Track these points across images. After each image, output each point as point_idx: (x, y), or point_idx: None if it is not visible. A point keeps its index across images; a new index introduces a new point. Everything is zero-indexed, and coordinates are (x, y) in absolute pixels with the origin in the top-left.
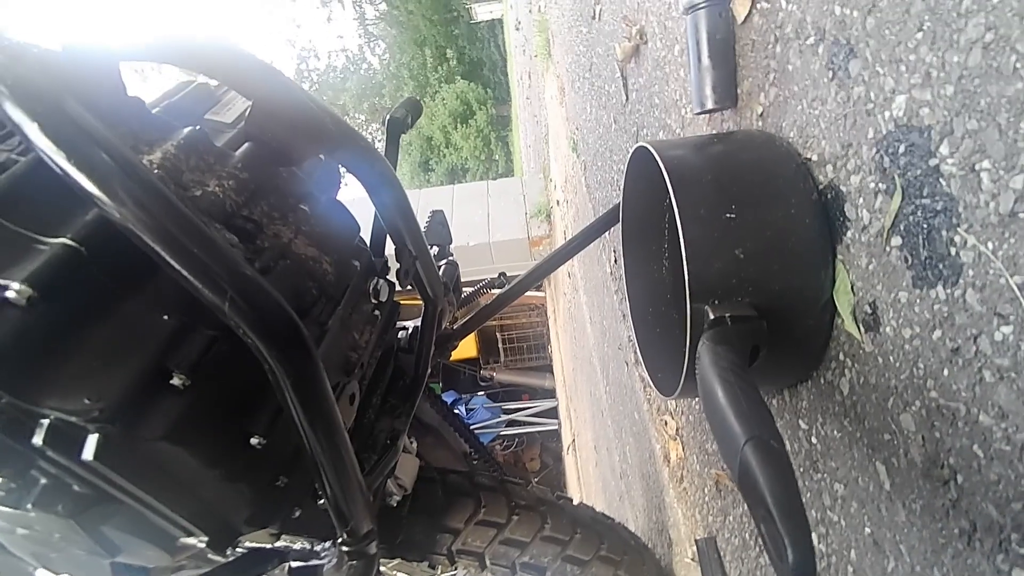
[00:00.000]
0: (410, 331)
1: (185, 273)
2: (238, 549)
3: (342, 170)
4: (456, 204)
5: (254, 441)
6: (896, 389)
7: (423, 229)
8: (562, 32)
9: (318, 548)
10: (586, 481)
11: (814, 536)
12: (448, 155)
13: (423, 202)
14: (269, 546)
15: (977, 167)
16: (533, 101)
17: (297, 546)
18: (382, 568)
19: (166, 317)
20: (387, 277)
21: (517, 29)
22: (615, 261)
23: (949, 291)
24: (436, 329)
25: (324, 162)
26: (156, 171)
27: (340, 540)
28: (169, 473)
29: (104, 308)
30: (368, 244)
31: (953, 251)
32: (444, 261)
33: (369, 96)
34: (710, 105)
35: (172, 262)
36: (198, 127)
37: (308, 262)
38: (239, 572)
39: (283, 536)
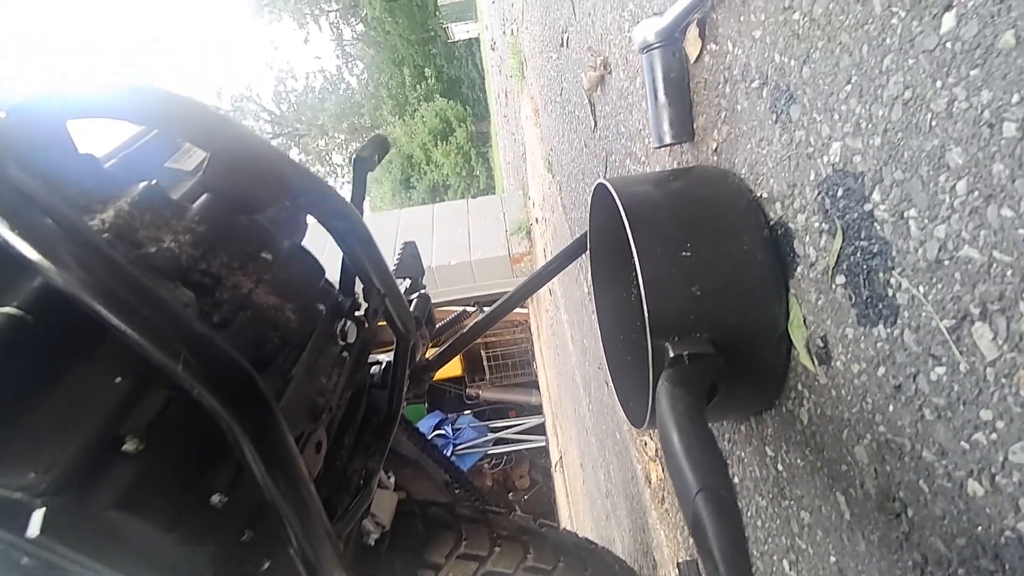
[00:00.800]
0: (383, 366)
1: (136, 336)
2: None
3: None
4: (436, 223)
5: (215, 499)
6: (849, 421)
7: (395, 261)
8: (534, 56)
9: None
10: (574, 500)
11: (786, 562)
12: (429, 172)
13: (403, 222)
14: None
15: (905, 215)
16: (511, 119)
17: None
18: None
19: (119, 379)
20: (357, 315)
21: (493, 49)
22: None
23: (889, 330)
24: (409, 364)
25: (287, 207)
26: (107, 231)
27: None
28: (124, 540)
29: (53, 377)
30: (338, 283)
31: (890, 292)
32: (416, 294)
33: (348, 116)
34: (668, 140)
35: (122, 326)
36: (154, 181)
37: (269, 311)
38: None
39: None
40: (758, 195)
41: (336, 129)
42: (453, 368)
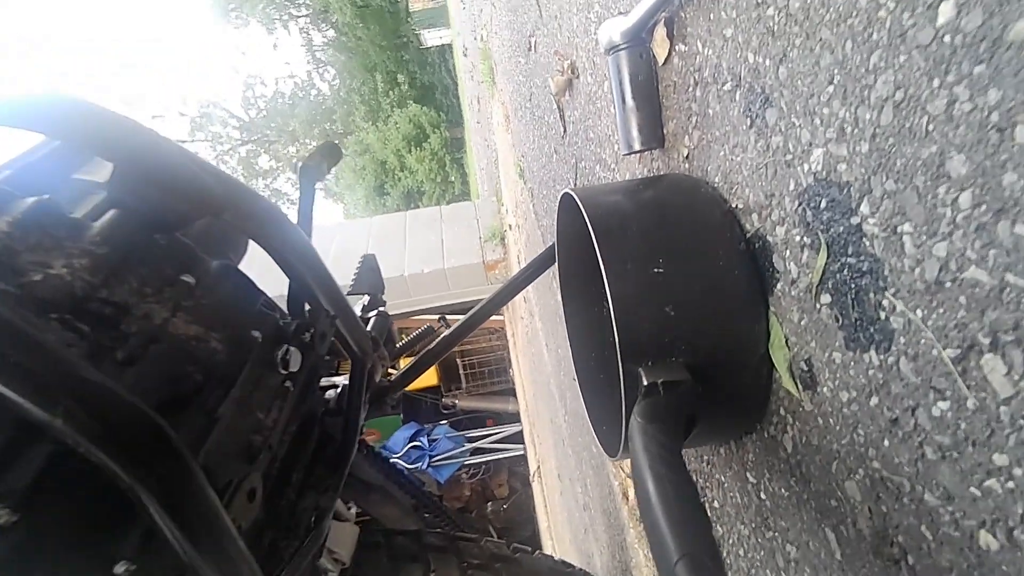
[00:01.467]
0: (339, 390)
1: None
2: None
3: None
4: (409, 231)
5: (120, 570)
6: (839, 453)
7: (353, 275)
8: (503, 61)
9: None
10: (552, 510)
11: None
12: (403, 179)
13: (375, 230)
14: None
15: (899, 230)
16: (483, 125)
17: None
18: None
19: None
20: (303, 339)
21: (465, 55)
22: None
23: (882, 357)
24: (367, 387)
25: (218, 223)
26: None
27: None
28: None
29: None
30: (286, 304)
31: (883, 315)
32: (374, 312)
33: (320, 122)
34: (637, 147)
35: None
36: (46, 196)
37: (189, 343)
38: None
39: None
40: (733, 205)
41: (307, 135)
42: (429, 378)
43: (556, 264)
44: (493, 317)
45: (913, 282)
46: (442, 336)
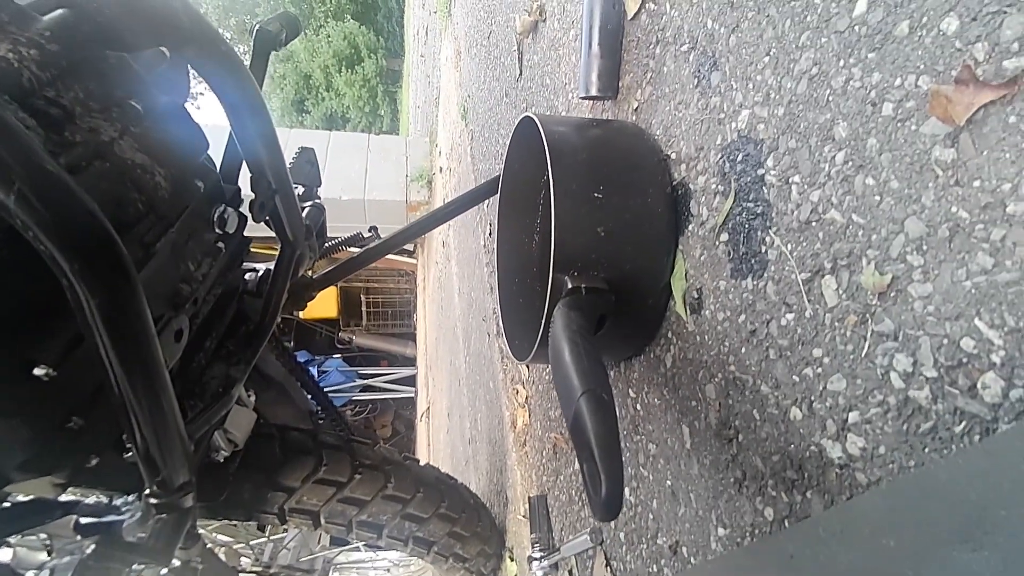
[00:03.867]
0: (261, 274)
1: None
2: (6, 502)
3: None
4: (331, 153)
5: (39, 371)
6: (706, 363)
7: (288, 165)
8: None
9: (118, 502)
10: (435, 448)
11: (627, 489)
12: (328, 99)
13: (292, 143)
14: (52, 497)
15: (790, 180)
16: (428, 60)
17: (90, 500)
18: (201, 531)
19: None
20: (238, 208)
21: None
22: (490, 234)
23: (755, 282)
24: (292, 275)
25: (171, 60)
26: None
27: (148, 492)
28: None
29: None
30: (219, 168)
31: (764, 249)
32: (310, 203)
33: (239, 12)
34: (594, 92)
35: None
36: None
37: (134, 169)
38: (3, 523)
39: (71, 488)
40: (668, 155)
41: (222, 25)
42: (328, 308)
43: (499, 191)
44: (406, 260)
45: (791, 222)
46: (374, 245)
